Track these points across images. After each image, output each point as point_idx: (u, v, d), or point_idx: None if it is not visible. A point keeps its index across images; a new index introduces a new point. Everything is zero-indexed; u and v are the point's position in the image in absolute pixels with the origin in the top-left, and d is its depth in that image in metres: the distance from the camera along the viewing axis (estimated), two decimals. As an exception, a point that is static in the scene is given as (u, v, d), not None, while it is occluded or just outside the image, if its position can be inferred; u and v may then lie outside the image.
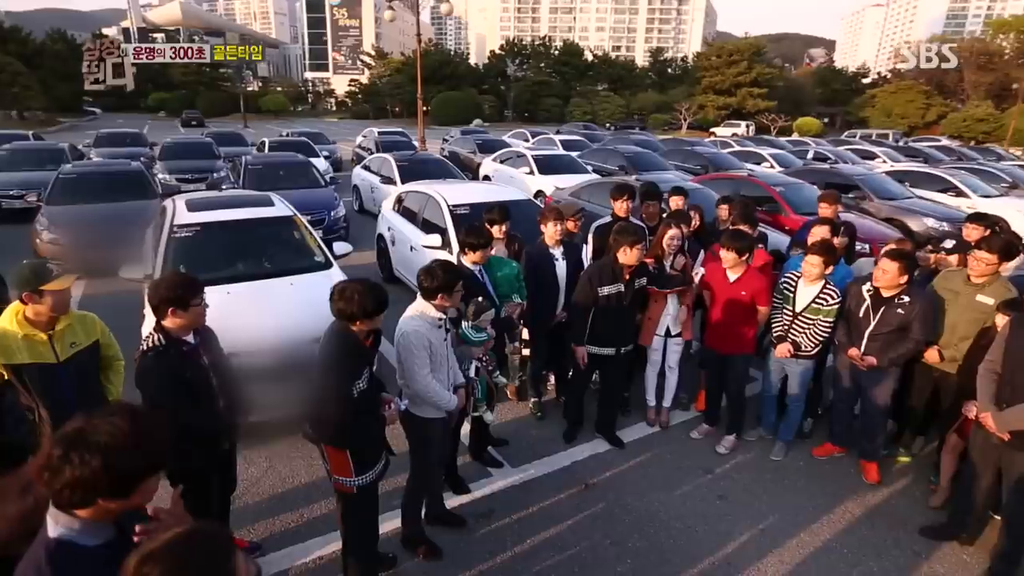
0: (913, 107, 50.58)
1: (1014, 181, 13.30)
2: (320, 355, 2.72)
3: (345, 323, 2.63)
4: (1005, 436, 3.04)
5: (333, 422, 2.59)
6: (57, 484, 1.24)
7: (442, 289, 2.90)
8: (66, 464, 1.23)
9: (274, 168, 10.04)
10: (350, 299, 2.58)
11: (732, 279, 4.12)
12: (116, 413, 1.34)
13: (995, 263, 3.55)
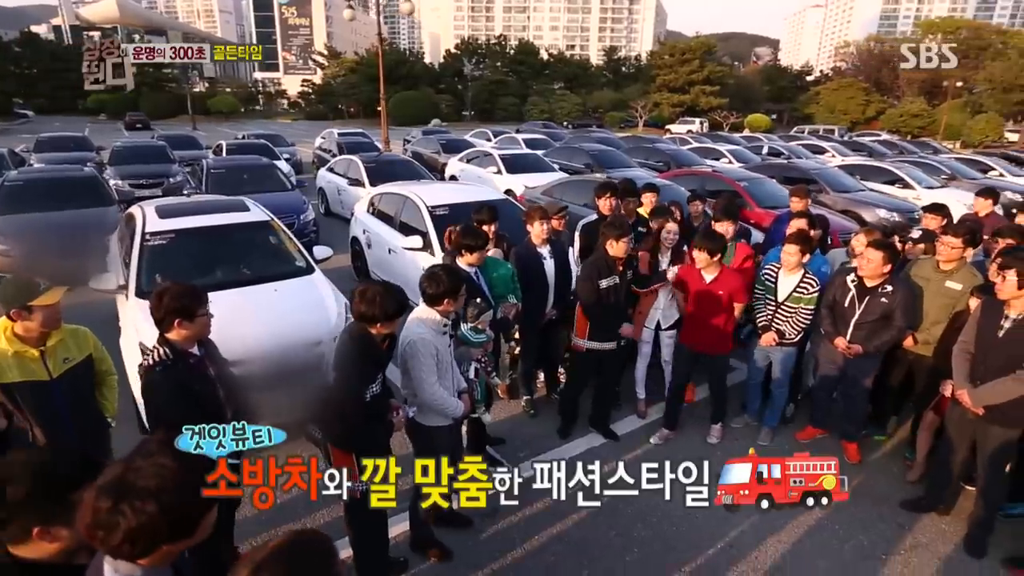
0: (854, 103, 53.04)
1: (952, 173, 14.14)
2: (336, 357, 2.67)
3: (364, 326, 2.60)
4: (980, 411, 3.25)
5: (345, 425, 2.56)
6: (115, 540, 1.15)
7: (448, 294, 2.89)
8: (119, 516, 1.15)
9: (238, 172, 9.73)
10: (371, 301, 2.55)
11: (708, 279, 4.13)
12: (156, 452, 1.26)
13: (961, 247, 3.79)
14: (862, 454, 4.28)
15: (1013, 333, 3.16)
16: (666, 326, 4.51)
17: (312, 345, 4.29)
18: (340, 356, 2.66)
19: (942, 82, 49.77)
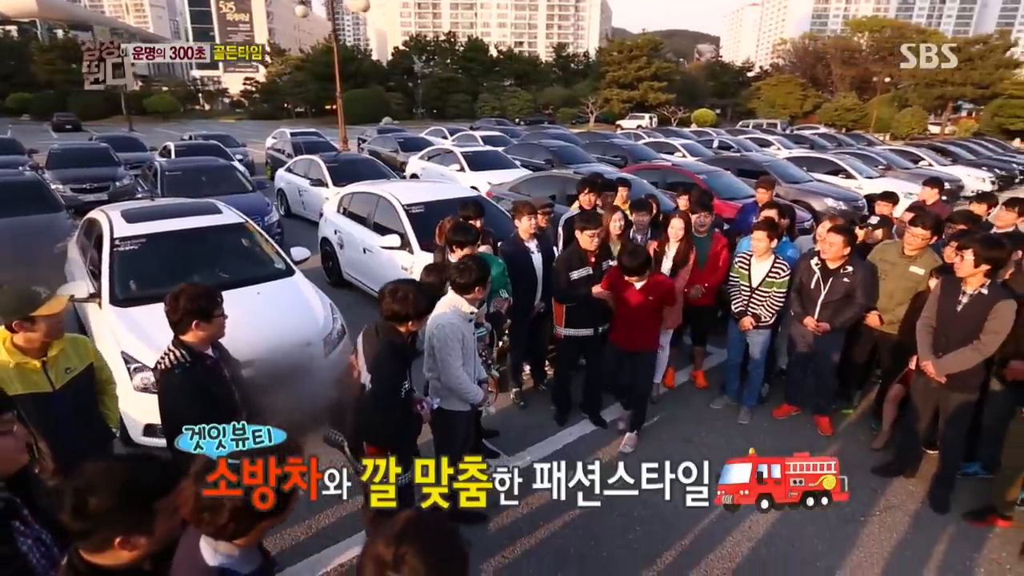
0: (792, 98, 55.48)
1: (888, 163, 15.07)
2: (371, 360, 2.65)
3: (392, 325, 2.62)
4: (942, 379, 3.56)
5: (387, 423, 2.58)
6: (221, 520, 1.23)
7: (478, 282, 2.98)
8: (224, 498, 1.22)
9: (195, 174, 9.37)
10: (404, 300, 2.58)
11: (638, 286, 4.07)
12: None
13: (928, 238, 4.12)
14: (833, 427, 4.59)
15: (970, 307, 3.46)
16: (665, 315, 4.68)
17: (303, 346, 4.25)
18: (375, 356, 2.64)
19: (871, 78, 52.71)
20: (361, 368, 2.64)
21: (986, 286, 3.43)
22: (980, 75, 48.09)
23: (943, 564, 3.32)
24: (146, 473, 1.36)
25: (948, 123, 49.41)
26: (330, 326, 4.55)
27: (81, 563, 1.32)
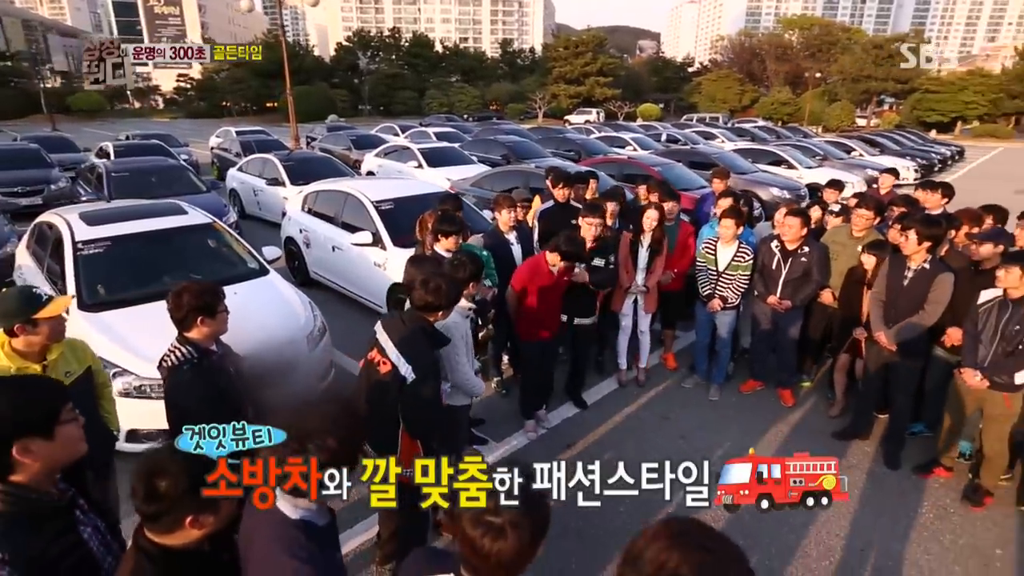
0: (731, 93, 57.66)
1: (824, 154, 16.00)
2: (410, 350, 2.64)
3: (423, 316, 2.67)
4: (892, 348, 3.92)
5: (433, 415, 2.65)
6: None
7: (473, 277, 3.06)
8: (307, 455, 1.32)
9: (143, 175, 8.99)
10: (437, 291, 2.62)
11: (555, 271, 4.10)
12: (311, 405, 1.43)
13: (872, 218, 4.50)
14: (795, 398, 4.94)
15: (915, 281, 3.84)
16: (642, 301, 4.91)
17: (286, 344, 4.24)
18: (414, 347, 2.63)
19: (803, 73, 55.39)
20: (395, 362, 2.61)
21: (928, 261, 3.81)
22: (899, 71, 51.33)
23: (898, 512, 3.68)
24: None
25: (873, 116, 52.60)
26: (311, 323, 4.54)
27: (149, 544, 1.37)
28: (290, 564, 1.32)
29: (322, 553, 1.40)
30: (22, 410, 1.47)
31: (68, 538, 1.53)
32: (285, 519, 1.40)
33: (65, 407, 1.56)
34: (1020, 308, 3.35)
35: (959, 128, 47.31)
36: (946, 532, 3.52)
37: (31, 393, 1.55)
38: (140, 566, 1.36)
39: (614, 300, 4.89)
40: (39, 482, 1.50)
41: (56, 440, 1.51)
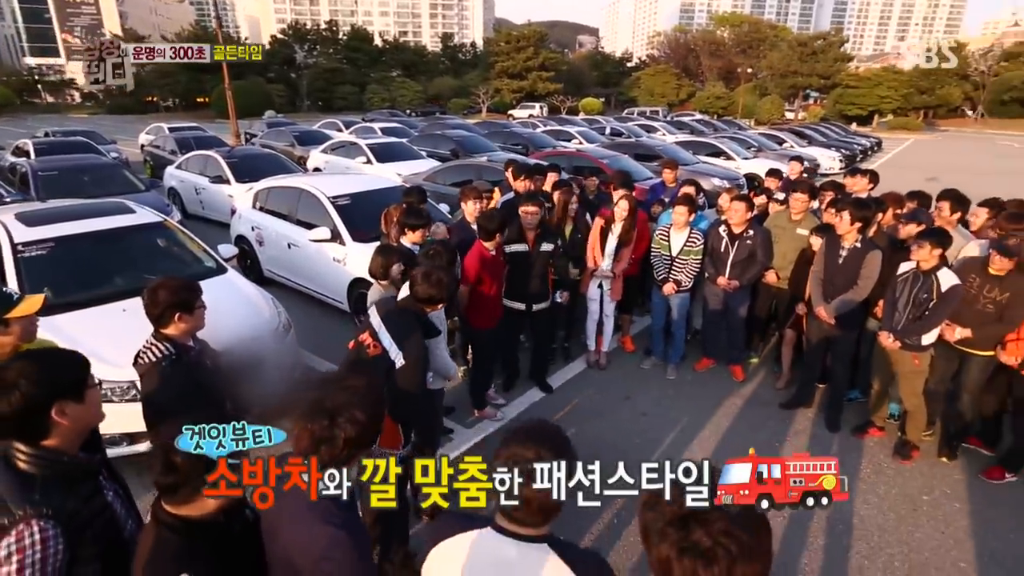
0: (669, 87, 59.48)
1: (759, 146, 16.86)
2: (404, 338, 2.69)
3: (420, 307, 2.73)
4: (831, 321, 4.28)
5: (417, 400, 2.70)
6: (336, 448, 1.40)
7: (449, 264, 3.13)
8: (337, 429, 1.40)
9: (75, 174, 8.47)
10: (438, 284, 2.70)
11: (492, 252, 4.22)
12: (340, 379, 1.50)
13: (807, 201, 4.86)
14: (745, 373, 5.29)
15: (848, 259, 4.20)
16: (608, 287, 5.12)
17: (253, 341, 4.18)
18: (409, 335, 2.69)
19: (735, 69, 57.74)
20: (387, 347, 2.67)
21: (859, 241, 4.18)
22: (823, 67, 54.42)
23: (840, 470, 4.03)
24: None
25: (800, 110, 55.51)
26: (276, 320, 4.49)
27: (167, 515, 1.45)
28: (327, 531, 1.38)
29: (352, 522, 1.47)
30: (58, 375, 1.60)
31: (97, 500, 1.64)
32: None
33: (89, 374, 1.68)
34: (929, 278, 3.75)
35: (876, 121, 50.68)
36: (881, 484, 3.91)
37: (62, 361, 1.68)
38: (162, 537, 1.43)
39: (582, 283, 5.09)
40: (69, 446, 1.61)
41: (86, 403, 1.64)
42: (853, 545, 3.38)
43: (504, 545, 1.32)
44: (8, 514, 1.44)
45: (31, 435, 1.55)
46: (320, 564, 1.37)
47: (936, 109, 53.18)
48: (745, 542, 0.91)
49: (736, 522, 0.93)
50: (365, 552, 1.44)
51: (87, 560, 1.54)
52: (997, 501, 3.75)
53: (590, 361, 5.40)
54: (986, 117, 51.66)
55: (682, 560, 0.92)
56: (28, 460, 1.53)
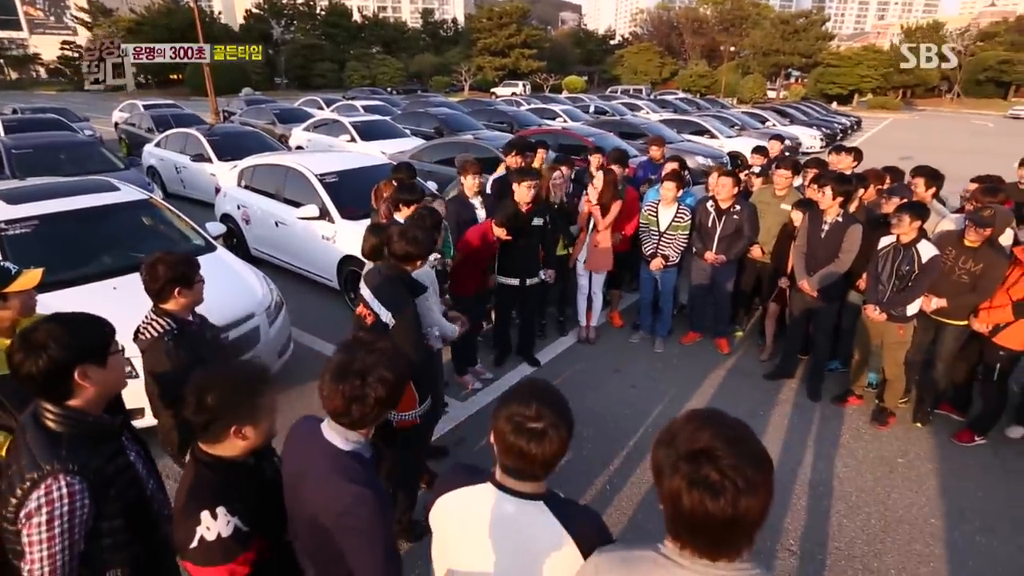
0: (652, 66, 59.14)
1: (742, 124, 16.96)
2: (388, 297, 2.76)
3: (400, 266, 2.78)
4: (814, 294, 4.42)
5: (417, 362, 2.76)
6: (367, 407, 1.45)
7: (435, 227, 3.18)
8: (368, 389, 1.45)
9: (50, 151, 8.25)
10: (414, 241, 2.74)
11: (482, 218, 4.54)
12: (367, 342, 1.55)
13: (790, 177, 4.96)
14: (730, 346, 5.44)
15: (830, 233, 4.32)
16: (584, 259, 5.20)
17: (246, 319, 4.19)
18: (393, 294, 2.76)
19: (719, 47, 57.61)
20: (377, 311, 2.75)
21: (841, 215, 4.29)
22: (804, 46, 54.53)
23: (821, 436, 4.21)
24: (250, 373, 1.62)
25: (782, 89, 55.74)
26: (269, 298, 4.50)
27: (204, 454, 1.58)
28: (351, 488, 1.43)
29: (374, 480, 1.52)
30: (82, 339, 1.64)
31: (120, 460, 1.71)
32: (338, 451, 1.50)
33: (113, 339, 1.73)
34: (910, 251, 3.89)
35: (856, 100, 51.13)
36: (859, 448, 4.09)
37: (87, 325, 1.70)
38: (200, 473, 1.56)
39: (571, 257, 5.16)
40: (93, 407, 1.67)
41: (108, 368, 1.69)
42: (833, 505, 3.55)
43: (502, 502, 1.38)
44: (38, 469, 1.51)
45: (56, 396, 1.61)
46: (343, 519, 1.42)
47: (914, 88, 53.77)
48: (750, 477, 0.98)
49: (743, 459, 1.00)
50: (386, 509, 1.50)
51: (112, 515, 1.62)
52: (967, 462, 3.96)
53: (581, 336, 5.50)
54: (962, 97, 52.38)
55: (691, 492, 0.99)
56: (55, 419, 1.60)
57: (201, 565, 1.50)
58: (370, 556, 1.44)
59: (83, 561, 1.59)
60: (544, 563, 1.35)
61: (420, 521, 3.21)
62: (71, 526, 1.52)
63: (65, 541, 1.51)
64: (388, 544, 1.49)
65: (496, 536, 1.38)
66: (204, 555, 1.48)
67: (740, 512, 0.98)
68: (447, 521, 1.48)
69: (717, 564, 1.05)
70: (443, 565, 1.53)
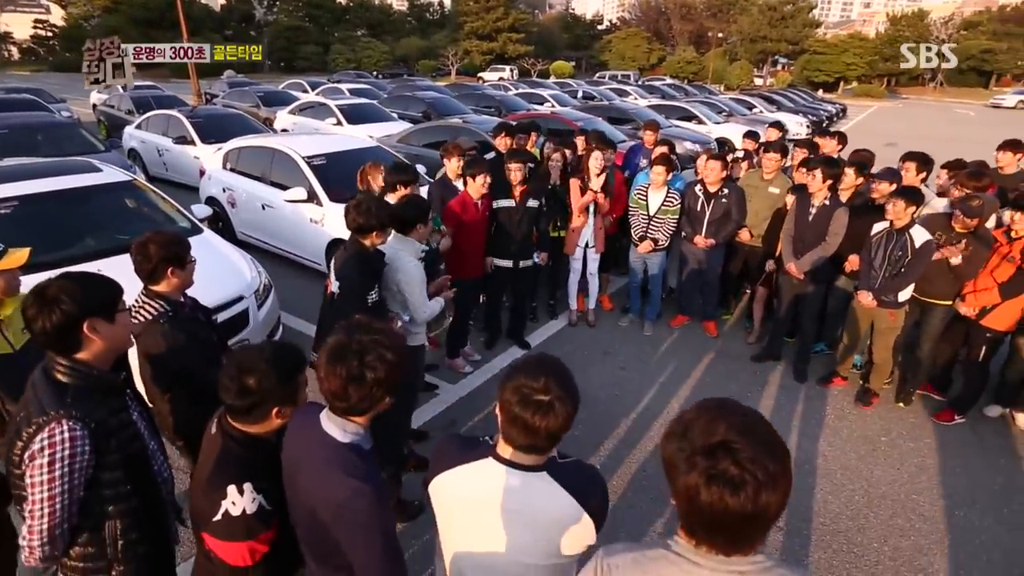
0: (640, 51, 58.84)
1: (730, 110, 16.98)
2: (338, 269, 2.84)
3: (357, 238, 2.80)
4: (800, 276, 4.47)
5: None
6: (365, 389, 1.42)
7: (421, 218, 3.13)
8: (367, 370, 1.41)
9: (26, 132, 7.99)
10: (367, 212, 2.77)
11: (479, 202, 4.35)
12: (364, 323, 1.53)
13: (779, 160, 5.00)
14: (718, 329, 5.50)
15: (818, 216, 4.36)
16: (592, 244, 5.20)
17: (235, 302, 4.15)
18: (342, 266, 2.83)
19: (706, 33, 57.49)
20: (332, 280, 2.82)
21: (828, 198, 4.34)
22: (791, 32, 54.57)
23: (806, 416, 4.29)
24: (289, 353, 1.64)
25: (769, 76, 55.81)
26: (257, 280, 4.45)
27: (235, 431, 1.61)
28: (349, 482, 1.39)
29: (373, 473, 1.48)
30: (92, 293, 1.69)
31: (123, 416, 1.77)
32: (336, 443, 1.47)
33: (121, 298, 1.79)
34: (903, 236, 3.93)
35: (841, 88, 51.39)
36: (844, 428, 4.17)
37: (96, 281, 1.75)
38: (229, 447, 1.59)
39: (566, 244, 5.17)
40: (100, 361, 1.73)
41: (116, 324, 1.75)
42: (818, 483, 3.62)
43: (507, 476, 1.37)
44: (43, 414, 1.58)
45: (66, 348, 1.67)
46: (340, 513, 1.39)
47: (898, 77, 54.15)
48: (770, 470, 0.94)
49: (762, 450, 0.95)
50: (385, 502, 1.47)
51: (112, 466, 1.68)
52: (946, 440, 4.06)
53: (572, 320, 5.52)
54: (944, 85, 52.88)
55: (710, 487, 0.94)
56: (64, 371, 1.66)
57: (222, 539, 1.52)
58: (368, 550, 1.42)
59: (83, 511, 1.66)
60: (561, 537, 1.38)
61: (411, 501, 3.23)
62: (71, 470, 1.57)
63: (65, 484, 1.57)
64: (388, 538, 1.45)
65: (506, 511, 1.38)
66: (227, 529, 1.51)
67: (760, 507, 0.93)
68: (450, 500, 1.46)
69: (731, 559, 1.02)
70: (450, 547, 1.52)
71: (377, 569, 1.44)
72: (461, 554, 1.50)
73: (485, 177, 4.24)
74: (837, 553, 3.12)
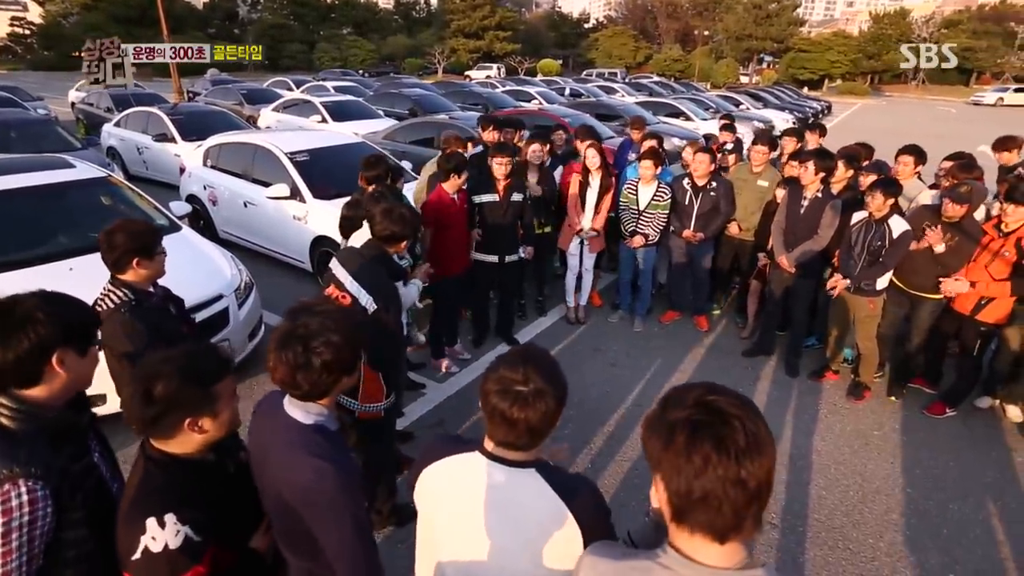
0: (627, 49, 59.06)
1: (717, 107, 17.01)
2: (370, 281, 2.58)
3: (381, 247, 2.64)
4: (792, 270, 4.43)
5: (394, 346, 2.64)
6: (314, 375, 1.34)
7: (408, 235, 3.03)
8: (313, 355, 1.34)
9: (2, 129, 7.81)
10: (399, 220, 2.60)
11: (455, 196, 4.23)
12: (311, 305, 1.45)
13: (767, 153, 4.95)
14: (708, 324, 5.45)
15: (810, 209, 4.32)
16: (588, 240, 5.14)
17: (214, 300, 4.02)
18: (375, 278, 2.58)
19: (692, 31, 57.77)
20: (355, 294, 2.54)
21: (820, 191, 4.30)
22: (776, 30, 55.04)
23: (798, 409, 4.25)
24: (202, 358, 1.43)
25: (755, 73, 56.23)
26: (238, 278, 4.32)
27: (155, 452, 1.39)
28: (312, 463, 1.35)
29: (339, 453, 1.44)
30: (71, 319, 1.48)
31: (84, 461, 1.52)
32: (299, 425, 1.41)
33: (96, 331, 1.59)
34: (881, 226, 3.92)
35: (826, 85, 51.88)
36: (836, 422, 4.13)
37: (77, 306, 1.54)
38: (149, 473, 1.37)
39: (561, 239, 5.10)
40: (56, 399, 1.47)
41: (86, 358, 1.53)
42: (812, 479, 3.58)
43: (492, 470, 1.31)
44: None
45: (18, 382, 1.41)
46: (307, 494, 1.35)
47: (882, 74, 54.82)
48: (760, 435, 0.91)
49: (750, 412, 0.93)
50: (352, 482, 1.40)
51: (76, 524, 1.43)
52: (938, 433, 4.04)
53: (570, 317, 5.45)
54: (926, 83, 53.58)
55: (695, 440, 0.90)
56: (10, 415, 1.39)
57: None
58: (338, 532, 1.37)
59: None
60: (545, 543, 1.28)
61: (405, 504, 3.13)
62: (30, 538, 1.32)
63: (23, 556, 1.32)
64: (357, 518, 1.40)
65: (489, 507, 1.30)
66: (147, 568, 1.30)
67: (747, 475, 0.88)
68: (433, 495, 1.39)
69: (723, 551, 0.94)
70: (428, 550, 1.44)
71: (349, 551, 1.39)
72: (445, 561, 1.41)
73: (463, 175, 4.14)
74: (833, 550, 3.07)
